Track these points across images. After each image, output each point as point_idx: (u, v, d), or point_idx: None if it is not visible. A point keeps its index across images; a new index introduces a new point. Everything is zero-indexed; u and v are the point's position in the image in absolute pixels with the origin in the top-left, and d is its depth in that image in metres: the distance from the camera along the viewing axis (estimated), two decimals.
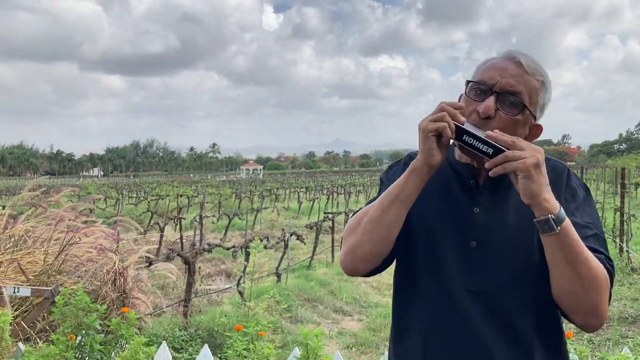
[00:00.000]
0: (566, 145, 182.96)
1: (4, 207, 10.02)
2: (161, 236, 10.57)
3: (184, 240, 10.20)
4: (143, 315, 5.05)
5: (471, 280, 1.38)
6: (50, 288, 3.63)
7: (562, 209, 1.24)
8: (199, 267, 6.97)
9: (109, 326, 3.35)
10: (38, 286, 3.91)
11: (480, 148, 1.25)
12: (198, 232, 11.71)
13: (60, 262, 4.33)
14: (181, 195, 25.57)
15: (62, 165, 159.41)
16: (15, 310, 3.98)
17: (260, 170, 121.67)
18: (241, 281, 6.56)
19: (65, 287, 3.56)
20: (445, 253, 1.41)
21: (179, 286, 8.23)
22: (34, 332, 3.79)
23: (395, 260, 1.52)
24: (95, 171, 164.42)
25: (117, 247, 4.94)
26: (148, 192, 31.74)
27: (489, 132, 1.25)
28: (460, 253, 1.39)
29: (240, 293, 6.49)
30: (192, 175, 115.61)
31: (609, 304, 1.34)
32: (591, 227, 1.37)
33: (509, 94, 1.34)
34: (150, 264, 5.11)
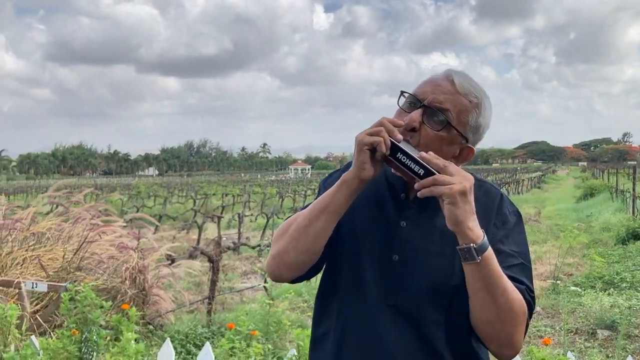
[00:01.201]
0: (627, 143, 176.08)
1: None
2: (199, 234, 10.75)
3: (223, 239, 10.38)
4: (164, 312, 5.15)
5: (390, 294, 1.37)
6: (64, 284, 3.75)
7: (485, 238, 1.24)
8: (222, 265, 7.05)
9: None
10: (57, 282, 4.04)
11: (412, 168, 1.24)
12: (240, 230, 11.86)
13: (79, 259, 4.47)
14: (227, 195, 25.98)
15: (119, 165, 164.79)
16: (36, 305, 4.13)
17: (309, 169, 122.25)
18: (266, 279, 6.59)
19: (84, 284, 3.66)
20: (367, 264, 1.39)
21: None
22: (51, 326, 3.92)
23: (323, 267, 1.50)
24: (151, 171, 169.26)
25: (138, 245, 5.05)
26: (197, 191, 32.43)
27: (423, 154, 1.24)
28: (382, 266, 1.38)
29: (266, 289, 6.54)
30: (242, 174, 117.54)
31: (525, 335, 1.35)
32: (517, 256, 1.36)
33: (436, 110, 1.33)
34: (173, 261, 5.20)
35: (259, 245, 7.08)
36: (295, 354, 2.91)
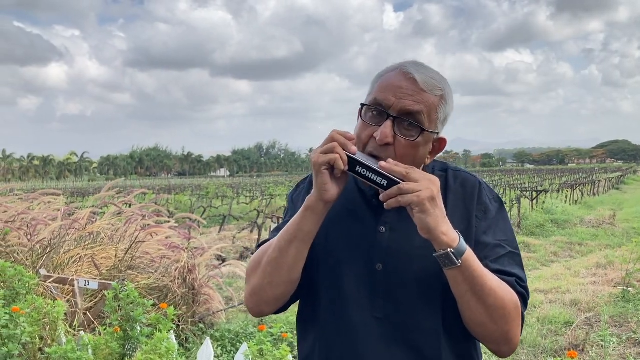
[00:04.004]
0: None
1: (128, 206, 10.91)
2: (259, 234, 10.90)
3: None
4: (215, 311, 5.24)
5: (377, 306, 1.30)
6: (113, 282, 3.87)
7: (461, 240, 1.17)
8: None
9: (172, 320, 3.51)
10: (108, 280, 4.19)
11: (374, 180, 1.17)
12: None
13: (130, 258, 4.61)
14: None
15: (192, 166, 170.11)
16: (90, 302, 4.30)
17: None
18: None
19: (127, 282, 3.77)
20: (349, 278, 1.32)
21: None
22: (102, 323, 4.06)
23: None
24: (222, 172, 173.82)
25: (188, 244, 5.16)
26: (264, 192, 32.94)
27: (382, 163, 1.16)
28: (366, 277, 1.31)
29: None
30: None
31: (522, 328, 1.27)
32: (504, 246, 1.31)
33: (407, 117, 1.24)
34: (224, 261, 5.28)
35: None
36: None
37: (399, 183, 1.15)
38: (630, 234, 12.99)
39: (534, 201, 16.97)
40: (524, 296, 1.27)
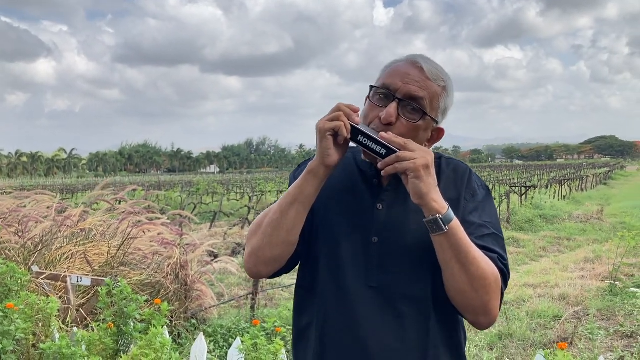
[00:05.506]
0: None
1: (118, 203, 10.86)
2: None
3: None
4: (208, 307, 5.26)
5: (371, 276, 1.40)
6: (106, 279, 3.88)
7: (449, 209, 1.27)
8: None
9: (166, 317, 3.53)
10: (101, 277, 4.19)
11: (374, 149, 1.28)
12: None
13: (123, 254, 4.63)
14: (281, 191, 26.27)
15: (182, 162, 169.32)
16: (83, 298, 4.31)
17: None
18: None
19: (120, 279, 3.79)
20: (346, 249, 1.42)
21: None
22: (95, 319, 4.07)
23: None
24: (212, 168, 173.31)
25: (180, 241, 5.19)
26: (254, 188, 32.92)
27: (383, 134, 1.29)
28: (362, 249, 1.41)
29: None
30: None
31: (501, 303, 1.37)
32: (488, 227, 1.40)
33: (411, 101, 1.35)
34: (215, 257, 5.29)
35: None
36: None
37: (396, 152, 1.25)
38: (618, 229, 13.13)
39: (523, 197, 17.11)
40: (504, 273, 1.36)
